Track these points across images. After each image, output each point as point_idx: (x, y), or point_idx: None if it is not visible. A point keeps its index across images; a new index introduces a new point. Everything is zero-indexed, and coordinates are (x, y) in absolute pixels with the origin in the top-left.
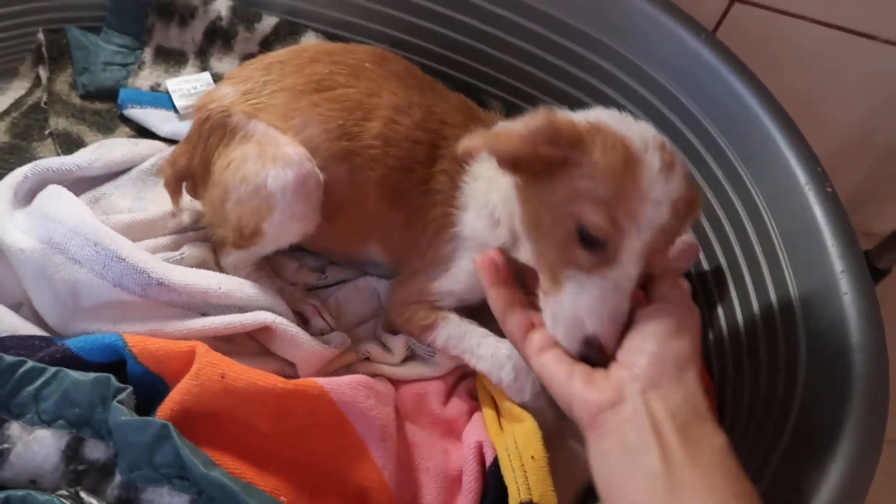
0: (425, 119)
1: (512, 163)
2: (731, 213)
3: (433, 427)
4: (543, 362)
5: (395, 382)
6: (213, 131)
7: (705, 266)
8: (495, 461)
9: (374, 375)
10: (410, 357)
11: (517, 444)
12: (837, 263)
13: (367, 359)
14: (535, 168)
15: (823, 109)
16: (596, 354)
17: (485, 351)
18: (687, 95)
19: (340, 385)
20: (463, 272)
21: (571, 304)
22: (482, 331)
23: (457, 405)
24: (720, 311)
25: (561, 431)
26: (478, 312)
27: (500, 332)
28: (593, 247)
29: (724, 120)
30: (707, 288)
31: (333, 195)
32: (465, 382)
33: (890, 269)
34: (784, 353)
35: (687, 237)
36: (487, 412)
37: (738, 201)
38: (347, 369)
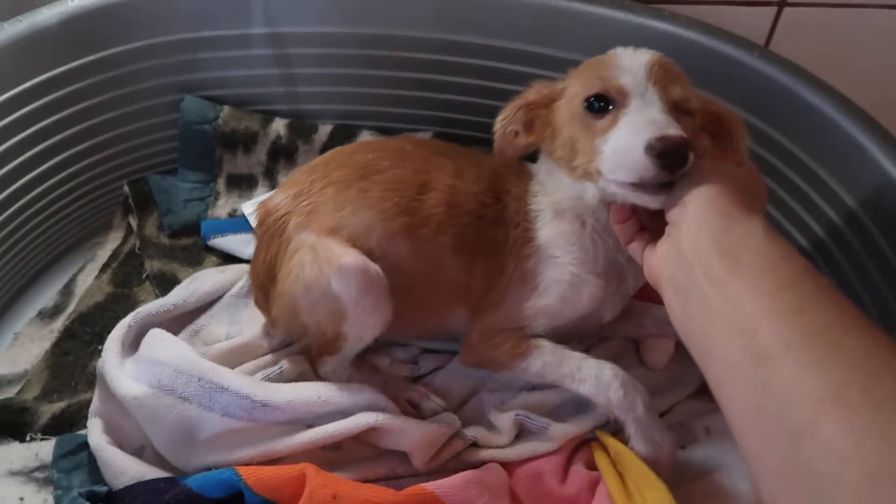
0: (479, 174)
1: (526, 125)
2: (831, 229)
3: None
4: (632, 248)
5: (508, 466)
6: (272, 240)
7: None
8: None
9: (483, 462)
10: (520, 434)
11: None
12: None
13: (475, 444)
14: (540, 116)
15: None
16: (665, 147)
17: (587, 374)
18: (752, 114)
19: (451, 487)
20: (552, 283)
21: (612, 145)
22: (580, 355)
23: (576, 480)
24: None
25: None
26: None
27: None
28: (603, 110)
29: (800, 133)
30: None
31: (401, 272)
32: (581, 453)
33: None
34: None
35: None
36: (612, 482)
37: (839, 219)
38: (457, 459)
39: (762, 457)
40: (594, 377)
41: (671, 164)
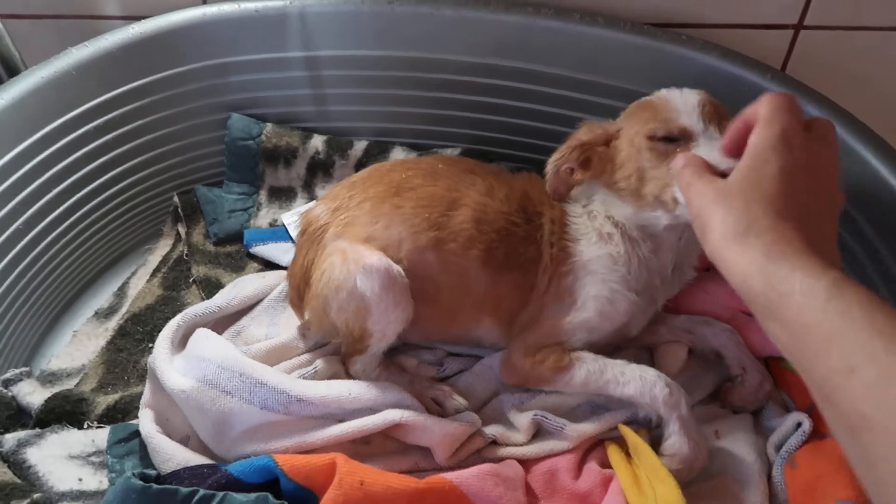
0: (509, 194)
1: (582, 162)
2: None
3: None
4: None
5: (525, 462)
6: (311, 246)
7: None
8: None
9: (502, 459)
10: (538, 433)
11: None
12: None
13: (495, 442)
14: (598, 152)
15: None
16: None
17: (631, 375)
18: None
19: (468, 477)
20: (591, 299)
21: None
22: (620, 361)
23: (589, 477)
24: None
25: None
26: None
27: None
28: (669, 141)
29: None
30: None
31: (429, 281)
32: (596, 452)
33: None
34: None
35: None
36: (624, 476)
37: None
38: (477, 455)
39: None
40: (639, 377)
41: None
